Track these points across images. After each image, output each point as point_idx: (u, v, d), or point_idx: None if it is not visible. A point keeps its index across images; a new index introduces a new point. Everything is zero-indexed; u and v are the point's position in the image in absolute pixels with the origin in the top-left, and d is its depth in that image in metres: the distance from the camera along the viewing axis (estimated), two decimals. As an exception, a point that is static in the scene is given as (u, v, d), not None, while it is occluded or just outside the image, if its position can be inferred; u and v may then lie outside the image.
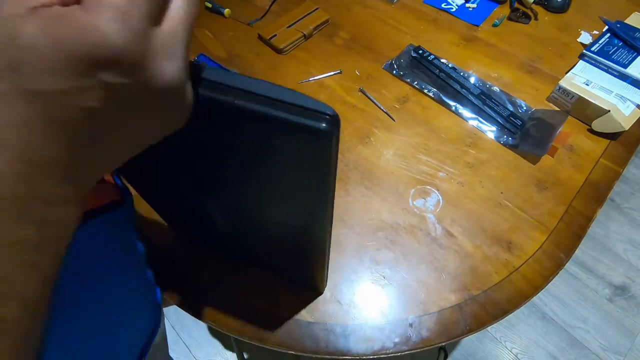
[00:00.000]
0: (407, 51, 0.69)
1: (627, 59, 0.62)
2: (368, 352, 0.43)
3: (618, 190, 1.38)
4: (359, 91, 0.65)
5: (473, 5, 0.77)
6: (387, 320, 0.45)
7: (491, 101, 0.62)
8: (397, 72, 0.67)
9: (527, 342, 1.12)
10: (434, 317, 0.45)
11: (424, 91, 0.65)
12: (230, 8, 0.77)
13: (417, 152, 0.58)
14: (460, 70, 0.67)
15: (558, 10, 0.75)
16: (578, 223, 0.51)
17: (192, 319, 0.45)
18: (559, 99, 0.62)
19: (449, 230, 0.51)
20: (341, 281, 0.47)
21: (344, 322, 0.45)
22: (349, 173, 0.56)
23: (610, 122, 0.57)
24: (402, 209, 0.53)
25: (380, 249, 0.49)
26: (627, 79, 0.60)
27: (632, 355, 1.08)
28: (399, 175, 0.56)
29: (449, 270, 0.48)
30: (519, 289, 0.47)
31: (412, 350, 0.43)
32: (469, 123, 0.61)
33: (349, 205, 0.53)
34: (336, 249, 0.49)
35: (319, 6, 0.76)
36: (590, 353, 1.09)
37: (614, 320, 1.14)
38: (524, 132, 0.59)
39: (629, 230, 1.29)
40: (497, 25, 0.74)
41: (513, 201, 0.53)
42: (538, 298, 1.17)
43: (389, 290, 0.47)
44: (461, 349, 1.12)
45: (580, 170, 0.56)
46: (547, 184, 0.55)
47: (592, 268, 1.23)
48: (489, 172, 0.56)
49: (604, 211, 1.17)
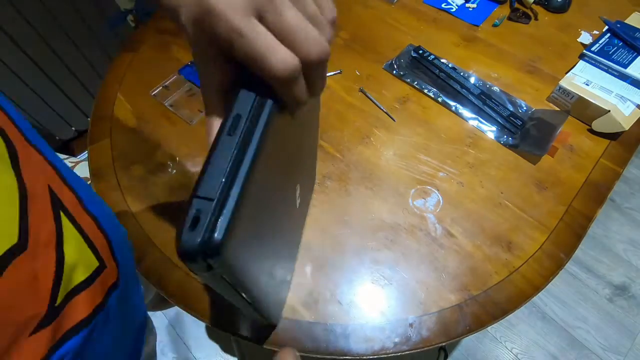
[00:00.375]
0: (407, 51, 0.69)
1: (627, 59, 0.62)
2: (368, 352, 0.43)
3: (618, 191, 1.38)
4: (359, 91, 0.65)
5: (473, 5, 0.77)
6: (387, 320, 0.45)
7: (491, 101, 0.62)
8: (397, 72, 0.67)
9: (527, 342, 1.12)
10: (434, 317, 0.45)
11: (424, 91, 0.65)
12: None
13: (417, 152, 0.58)
14: (460, 70, 0.67)
15: (558, 10, 0.75)
16: (578, 223, 0.51)
17: (192, 319, 0.45)
18: (559, 99, 0.62)
19: (449, 230, 0.51)
20: (341, 281, 0.47)
21: (344, 322, 0.45)
22: (349, 173, 0.56)
23: (611, 122, 0.57)
24: (402, 209, 0.53)
25: (380, 249, 0.49)
26: (627, 79, 0.60)
27: (632, 355, 1.08)
28: (399, 175, 0.56)
29: (449, 270, 0.48)
30: (519, 289, 0.47)
31: (412, 350, 0.43)
32: (469, 123, 0.61)
33: (349, 205, 0.53)
34: (336, 249, 0.49)
35: (319, 6, 0.76)
36: (590, 353, 1.09)
37: (614, 320, 1.14)
38: (524, 132, 0.59)
39: (629, 231, 1.29)
40: (497, 26, 0.74)
41: (513, 201, 0.53)
42: (538, 298, 1.17)
43: (389, 290, 0.47)
44: (461, 349, 1.12)
45: (580, 170, 0.56)
46: (547, 184, 0.55)
47: (592, 268, 1.23)
48: (489, 172, 0.56)
49: (604, 211, 1.17)
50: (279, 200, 0.28)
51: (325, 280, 0.47)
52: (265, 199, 0.23)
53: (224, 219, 0.17)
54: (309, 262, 0.49)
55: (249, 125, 0.20)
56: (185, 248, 0.17)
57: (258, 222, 0.23)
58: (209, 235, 0.17)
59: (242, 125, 0.20)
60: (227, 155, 0.19)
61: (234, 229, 0.18)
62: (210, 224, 0.17)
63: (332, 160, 0.57)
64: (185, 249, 0.17)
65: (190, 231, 0.17)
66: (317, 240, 0.50)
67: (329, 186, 0.55)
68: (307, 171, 0.44)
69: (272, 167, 0.23)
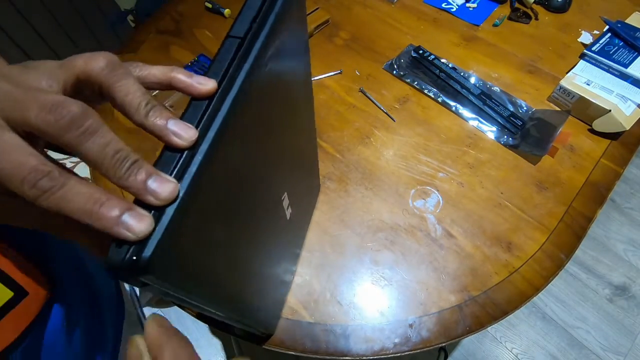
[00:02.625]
0: (407, 51, 0.69)
1: (628, 58, 0.61)
2: (368, 352, 0.43)
3: (618, 191, 1.38)
4: (359, 91, 0.65)
5: (473, 5, 0.77)
6: (387, 321, 0.45)
7: (491, 101, 0.62)
8: (397, 72, 0.67)
9: (527, 342, 1.12)
10: (433, 318, 0.45)
11: (424, 91, 0.65)
12: (230, 8, 0.77)
13: (417, 153, 0.58)
14: (460, 70, 0.67)
15: (558, 10, 0.75)
16: (578, 223, 0.51)
17: (192, 319, 0.45)
18: (559, 99, 0.62)
19: (449, 231, 0.51)
20: (341, 282, 0.47)
21: (344, 323, 0.45)
22: (349, 174, 0.56)
23: (611, 122, 0.57)
24: (402, 209, 0.53)
25: (380, 250, 0.49)
26: (627, 78, 0.60)
27: (632, 355, 1.08)
28: (399, 175, 0.56)
29: (449, 271, 0.48)
30: (519, 290, 0.47)
31: (412, 350, 0.43)
32: (469, 123, 0.61)
33: (349, 205, 0.53)
34: (336, 250, 0.49)
35: (319, 6, 0.76)
36: (590, 353, 1.09)
37: (614, 321, 1.14)
38: (524, 132, 0.59)
39: (630, 231, 1.29)
40: (498, 25, 0.74)
41: (513, 201, 0.53)
42: (538, 298, 1.17)
43: (389, 291, 0.47)
44: (461, 349, 1.12)
45: (580, 171, 0.56)
46: (547, 184, 0.55)
47: (592, 268, 1.23)
48: (489, 173, 0.56)
49: (604, 211, 1.17)
50: (251, 207, 0.26)
51: (325, 281, 0.47)
52: (224, 208, 0.21)
53: (157, 234, 0.16)
54: (309, 262, 0.48)
55: (199, 135, 0.18)
56: (110, 266, 0.15)
57: (215, 233, 0.21)
58: (137, 252, 0.15)
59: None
60: (171, 165, 0.18)
61: (170, 243, 0.16)
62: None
63: (332, 160, 0.57)
64: (110, 267, 0.15)
65: (117, 248, 0.16)
66: (317, 241, 0.50)
67: (329, 186, 0.55)
68: (300, 179, 0.41)
69: (232, 176, 0.22)
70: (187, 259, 0.19)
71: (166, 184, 0.16)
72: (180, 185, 0.17)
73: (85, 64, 0.18)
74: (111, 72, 0.18)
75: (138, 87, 0.18)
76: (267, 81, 0.23)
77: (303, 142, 0.38)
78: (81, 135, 0.16)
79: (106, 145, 0.16)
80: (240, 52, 0.20)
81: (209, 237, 0.20)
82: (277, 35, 0.22)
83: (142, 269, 0.15)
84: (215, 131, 0.18)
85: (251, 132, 0.23)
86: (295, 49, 0.27)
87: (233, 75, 0.20)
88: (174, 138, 0.18)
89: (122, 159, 0.17)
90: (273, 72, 0.23)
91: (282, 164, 0.32)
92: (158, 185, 0.16)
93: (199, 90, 0.19)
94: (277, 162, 0.30)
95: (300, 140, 0.37)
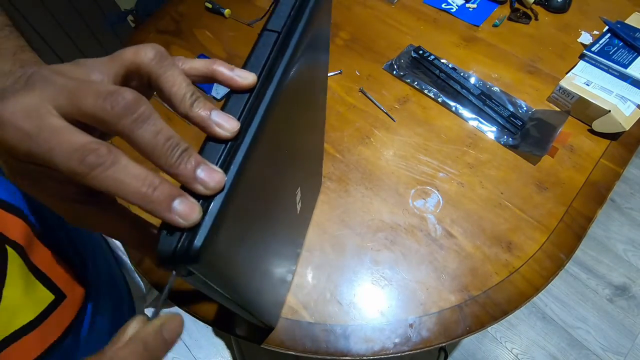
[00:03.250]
0: (407, 51, 0.69)
1: (628, 59, 0.61)
2: (368, 352, 0.43)
3: (618, 191, 1.38)
4: (359, 91, 0.65)
5: (473, 5, 0.77)
6: (387, 321, 0.45)
7: (491, 101, 0.62)
8: (397, 73, 0.67)
9: (528, 342, 1.12)
10: (434, 318, 0.45)
11: (424, 91, 0.65)
12: (230, 8, 0.77)
13: (417, 153, 0.58)
14: (460, 70, 0.67)
15: (558, 11, 0.75)
16: (578, 223, 0.51)
17: (192, 319, 0.45)
18: (559, 99, 0.62)
19: (449, 231, 0.51)
20: (341, 282, 0.47)
21: (344, 323, 0.45)
22: (349, 174, 0.56)
23: (611, 122, 0.57)
24: (402, 209, 0.53)
25: (380, 250, 0.49)
26: (627, 79, 0.60)
27: (632, 355, 1.08)
28: (399, 175, 0.56)
29: (449, 271, 0.48)
30: (519, 290, 0.47)
31: (412, 350, 0.43)
32: (469, 123, 0.61)
33: (349, 205, 0.53)
34: (336, 250, 0.49)
35: (319, 6, 0.76)
36: (590, 353, 1.09)
37: (614, 321, 1.14)
38: (524, 133, 0.59)
39: (629, 231, 1.29)
40: (498, 26, 0.74)
41: (513, 201, 0.53)
42: (538, 298, 1.17)
43: (389, 291, 0.47)
44: (461, 349, 1.12)
45: (580, 171, 0.56)
46: (547, 184, 0.55)
47: (592, 268, 1.23)
48: (489, 173, 0.56)
49: (604, 211, 1.17)
50: (275, 201, 0.27)
51: (325, 281, 0.47)
52: (257, 200, 0.22)
53: (206, 223, 0.16)
54: (309, 262, 0.48)
55: (242, 127, 0.19)
56: (162, 254, 0.16)
57: (249, 225, 0.22)
58: (188, 241, 0.16)
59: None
60: (215, 156, 0.18)
61: (217, 233, 0.17)
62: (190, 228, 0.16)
63: (332, 160, 0.57)
64: (162, 255, 0.16)
65: (168, 236, 0.16)
66: (317, 241, 0.50)
67: (329, 186, 0.55)
68: (310, 174, 0.42)
69: (266, 168, 0.22)
70: (230, 250, 0.19)
71: (214, 173, 0.17)
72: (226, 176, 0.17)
73: (135, 56, 0.19)
74: (159, 63, 0.18)
75: (183, 79, 0.19)
76: (298, 76, 0.23)
77: (318, 135, 0.39)
78: (134, 121, 0.16)
79: (158, 133, 0.17)
80: (277, 45, 0.21)
81: (247, 227, 0.21)
82: (311, 29, 0.23)
83: (193, 257, 0.16)
84: (258, 124, 0.19)
85: (283, 126, 0.23)
86: (321, 44, 0.28)
87: (271, 68, 0.20)
88: (216, 129, 0.18)
89: (173, 146, 0.17)
90: (303, 67, 0.24)
91: (300, 157, 0.32)
92: (207, 174, 0.16)
93: (240, 84, 0.19)
94: (298, 155, 0.31)
95: (316, 134, 0.37)
